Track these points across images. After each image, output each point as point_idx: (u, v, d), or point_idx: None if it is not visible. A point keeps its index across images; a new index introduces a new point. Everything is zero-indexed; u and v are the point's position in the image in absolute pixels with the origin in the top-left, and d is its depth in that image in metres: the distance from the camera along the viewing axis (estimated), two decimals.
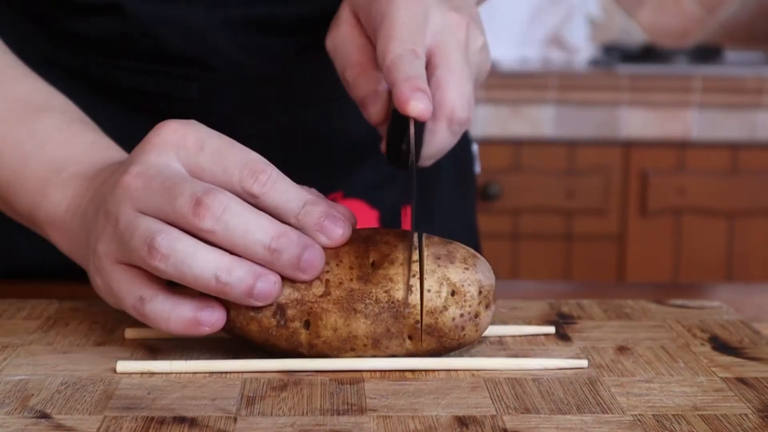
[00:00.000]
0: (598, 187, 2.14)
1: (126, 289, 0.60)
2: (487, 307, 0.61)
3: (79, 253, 0.66)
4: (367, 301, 0.59)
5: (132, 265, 0.60)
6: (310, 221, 0.60)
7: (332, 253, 0.60)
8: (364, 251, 0.60)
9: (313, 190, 0.62)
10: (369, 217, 0.87)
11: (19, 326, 0.67)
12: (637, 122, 2.12)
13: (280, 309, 0.59)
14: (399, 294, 0.59)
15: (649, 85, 2.10)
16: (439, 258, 0.60)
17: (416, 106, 0.60)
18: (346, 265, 0.59)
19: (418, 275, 0.59)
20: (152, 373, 0.59)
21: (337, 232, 0.60)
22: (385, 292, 0.59)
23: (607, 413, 0.54)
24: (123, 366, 0.60)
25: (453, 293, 0.59)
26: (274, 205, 0.59)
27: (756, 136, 2.13)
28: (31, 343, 0.64)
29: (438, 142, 0.63)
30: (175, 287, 0.60)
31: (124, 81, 0.83)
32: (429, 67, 0.64)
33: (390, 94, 0.63)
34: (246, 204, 0.58)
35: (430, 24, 0.65)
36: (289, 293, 0.59)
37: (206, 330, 0.59)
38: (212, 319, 0.59)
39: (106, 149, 0.70)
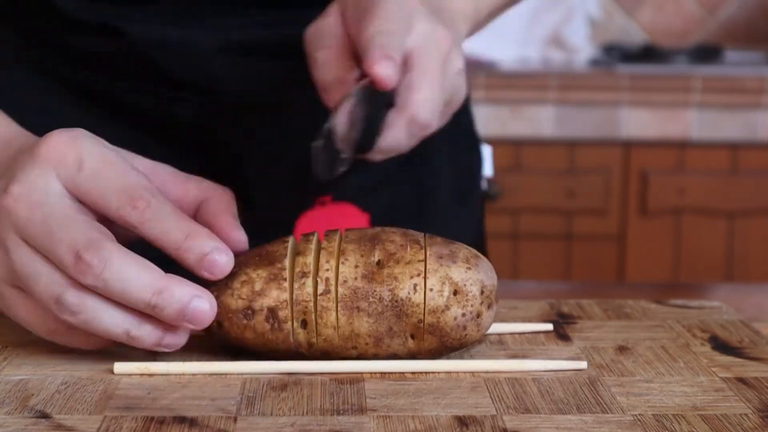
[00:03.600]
0: (598, 187, 2.14)
1: (32, 317, 0.60)
2: (489, 307, 0.61)
3: None
4: (371, 300, 0.59)
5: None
6: (191, 258, 0.59)
7: (338, 250, 0.60)
8: (370, 249, 0.60)
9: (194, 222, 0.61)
10: (360, 221, 0.87)
11: (20, 326, 0.67)
12: (637, 122, 2.12)
13: (271, 312, 0.59)
14: (402, 293, 0.59)
15: (649, 85, 2.10)
16: (441, 257, 0.60)
17: (381, 69, 0.60)
18: (351, 264, 0.59)
19: (423, 274, 0.59)
20: (151, 374, 0.59)
21: (220, 267, 0.59)
22: (390, 290, 0.59)
23: (607, 413, 0.54)
24: (120, 367, 0.60)
25: (455, 293, 0.59)
26: (153, 237, 0.59)
27: (756, 136, 2.13)
28: (31, 343, 0.64)
29: (392, 139, 0.63)
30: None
31: (120, 97, 0.83)
32: (405, 67, 0.64)
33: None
34: (127, 254, 0.58)
35: (416, 28, 0.65)
36: (277, 295, 0.59)
37: (170, 348, 0.59)
38: (140, 339, 0.59)
39: (14, 135, 0.67)
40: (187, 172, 0.75)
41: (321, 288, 0.59)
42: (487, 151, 1.02)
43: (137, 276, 0.57)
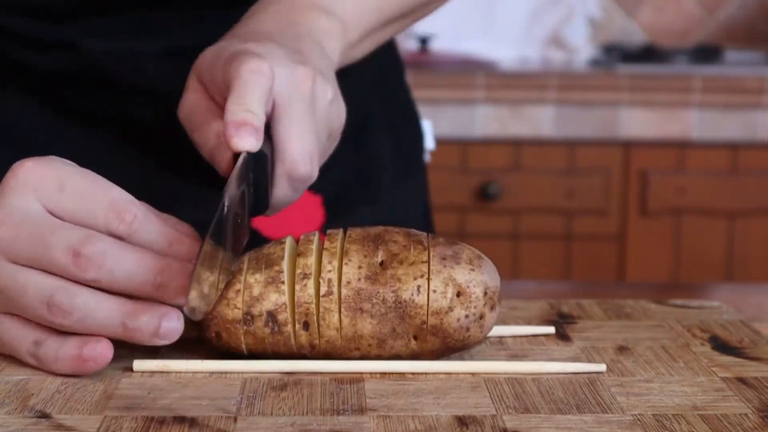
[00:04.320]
0: (598, 187, 2.14)
1: (20, 336, 0.60)
2: (492, 308, 0.60)
3: None
4: (374, 301, 0.59)
5: (12, 314, 0.60)
6: (179, 259, 0.60)
7: (340, 251, 0.60)
8: (373, 250, 0.60)
9: (186, 225, 0.62)
10: (314, 203, 0.88)
11: None
12: (637, 122, 2.12)
13: (270, 316, 0.59)
14: (406, 294, 0.59)
15: (649, 85, 2.10)
16: (444, 259, 0.60)
17: (240, 143, 0.60)
18: (354, 264, 0.59)
19: (426, 276, 0.59)
20: (162, 372, 0.59)
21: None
22: (393, 292, 0.59)
23: (607, 413, 0.54)
24: (140, 365, 0.60)
25: (458, 294, 0.59)
26: (140, 246, 0.59)
27: (756, 136, 2.13)
28: None
29: (279, 196, 0.64)
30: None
31: (81, 107, 0.83)
32: (272, 121, 0.64)
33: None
34: (123, 243, 0.58)
35: (275, 78, 0.64)
36: (275, 298, 0.59)
37: (93, 366, 0.58)
38: (95, 353, 0.58)
39: None
40: (154, 171, 0.76)
41: (324, 289, 0.59)
42: (428, 126, 1.04)
43: (138, 260, 0.58)
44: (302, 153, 0.64)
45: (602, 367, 0.60)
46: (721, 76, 2.13)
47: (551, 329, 0.67)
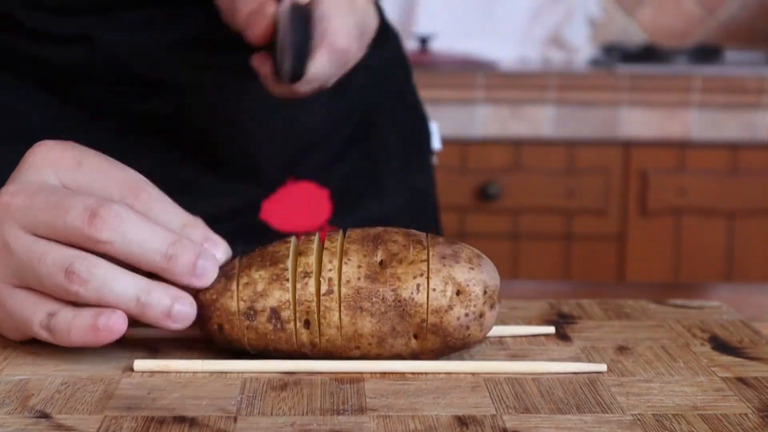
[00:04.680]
0: (598, 187, 2.14)
1: (33, 309, 0.59)
2: (491, 307, 0.61)
3: None
4: (374, 300, 0.59)
5: (27, 288, 0.59)
6: (192, 242, 0.60)
7: (340, 250, 0.60)
8: (372, 249, 0.60)
9: (198, 219, 0.62)
10: (320, 197, 0.89)
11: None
12: (637, 122, 2.12)
13: (273, 313, 0.59)
14: (405, 293, 0.59)
15: (649, 85, 2.10)
16: (444, 258, 0.60)
17: None
18: (354, 263, 0.59)
19: (426, 274, 0.59)
20: (163, 372, 0.59)
21: (216, 255, 0.60)
22: (393, 290, 0.59)
23: (607, 413, 0.54)
24: (140, 365, 0.60)
25: (458, 293, 0.59)
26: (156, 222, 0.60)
27: (756, 136, 2.13)
28: (31, 343, 0.64)
29: (319, 66, 0.67)
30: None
31: (91, 99, 0.84)
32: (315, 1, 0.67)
33: (274, 16, 0.67)
34: (137, 213, 0.58)
35: None
36: (279, 295, 0.59)
37: (106, 337, 0.58)
38: (109, 322, 0.58)
39: None
40: (167, 163, 0.76)
41: (324, 288, 0.59)
42: (434, 127, 1.05)
43: (152, 229, 0.58)
44: (343, 27, 0.68)
45: (602, 367, 0.60)
46: (721, 76, 2.13)
47: (551, 329, 0.67)
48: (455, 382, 0.58)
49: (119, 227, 0.57)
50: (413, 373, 0.60)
